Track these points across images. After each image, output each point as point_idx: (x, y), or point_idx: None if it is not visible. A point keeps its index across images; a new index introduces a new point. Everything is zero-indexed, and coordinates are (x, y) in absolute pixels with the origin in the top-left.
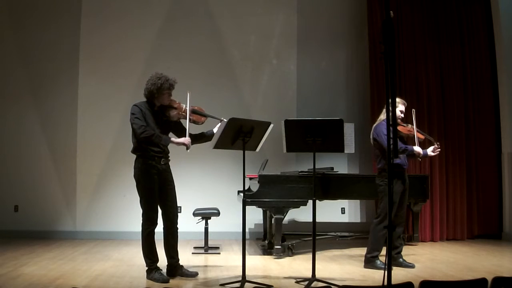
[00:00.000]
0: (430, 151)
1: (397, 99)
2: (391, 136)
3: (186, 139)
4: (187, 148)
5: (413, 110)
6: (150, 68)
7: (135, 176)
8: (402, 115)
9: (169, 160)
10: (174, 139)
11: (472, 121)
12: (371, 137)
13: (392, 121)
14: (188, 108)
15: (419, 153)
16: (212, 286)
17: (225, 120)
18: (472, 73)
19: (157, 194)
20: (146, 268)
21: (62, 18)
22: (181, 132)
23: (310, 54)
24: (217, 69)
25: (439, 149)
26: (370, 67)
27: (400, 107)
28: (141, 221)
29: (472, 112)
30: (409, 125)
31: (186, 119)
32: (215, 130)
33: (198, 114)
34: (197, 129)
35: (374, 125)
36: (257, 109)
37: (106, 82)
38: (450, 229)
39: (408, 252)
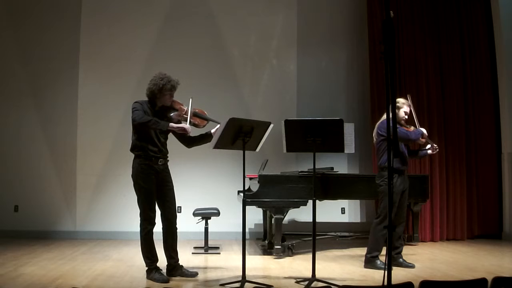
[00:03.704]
0: (429, 150)
1: (402, 100)
2: (391, 136)
3: (186, 125)
4: (186, 134)
5: (408, 95)
6: (150, 68)
7: (132, 176)
8: (406, 117)
9: (168, 160)
10: (173, 124)
11: (472, 121)
12: (374, 132)
13: (392, 121)
14: (189, 111)
15: (424, 135)
16: (212, 286)
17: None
18: (472, 73)
19: (155, 194)
20: (146, 268)
21: (62, 18)
22: (179, 135)
23: (310, 54)
24: (217, 69)
25: (437, 149)
26: (370, 67)
27: (405, 108)
28: (139, 221)
29: (472, 112)
30: (412, 127)
31: (187, 121)
32: (212, 131)
33: (199, 117)
34: (196, 132)
35: (379, 122)
36: (257, 109)
37: (106, 82)
38: (450, 229)
39: (408, 252)
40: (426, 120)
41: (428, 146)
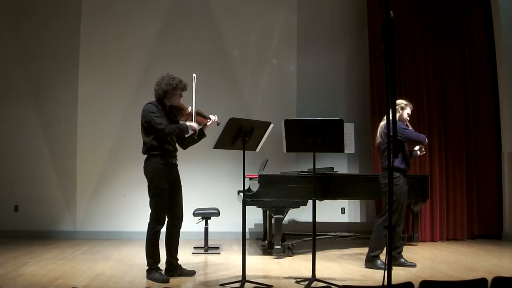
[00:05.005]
0: (418, 151)
1: (405, 102)
2: (391, 136)
3: (194, 123)
4: (194, 134)
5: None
6: (150, 68)
7: (147, 175)
8: (409, 118)
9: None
10: (188, 123)
11: (472, 121)
12: (380, 132)
13: (392, 121)
14: (194, 110)
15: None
16: (212, 286)
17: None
18: (472, 73)
19: (168, 193)
20: (147, 267)
21: (62, 18)
22: (180, 136)
23: (310, 54)
24: (217, 69)
25: (424, 151)
26: (370, 67)
27: (408, 110)
28: (148, 220)
29: (472, 112)
30: (410, 128)
31: (192, 121)
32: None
33: (201, 116)
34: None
35: (385, 122)
36: (257, 109)
37: (106, 82)
38: (450, 229)
39: (408, 252)
40: (426, 120)
41: (417, 147)
